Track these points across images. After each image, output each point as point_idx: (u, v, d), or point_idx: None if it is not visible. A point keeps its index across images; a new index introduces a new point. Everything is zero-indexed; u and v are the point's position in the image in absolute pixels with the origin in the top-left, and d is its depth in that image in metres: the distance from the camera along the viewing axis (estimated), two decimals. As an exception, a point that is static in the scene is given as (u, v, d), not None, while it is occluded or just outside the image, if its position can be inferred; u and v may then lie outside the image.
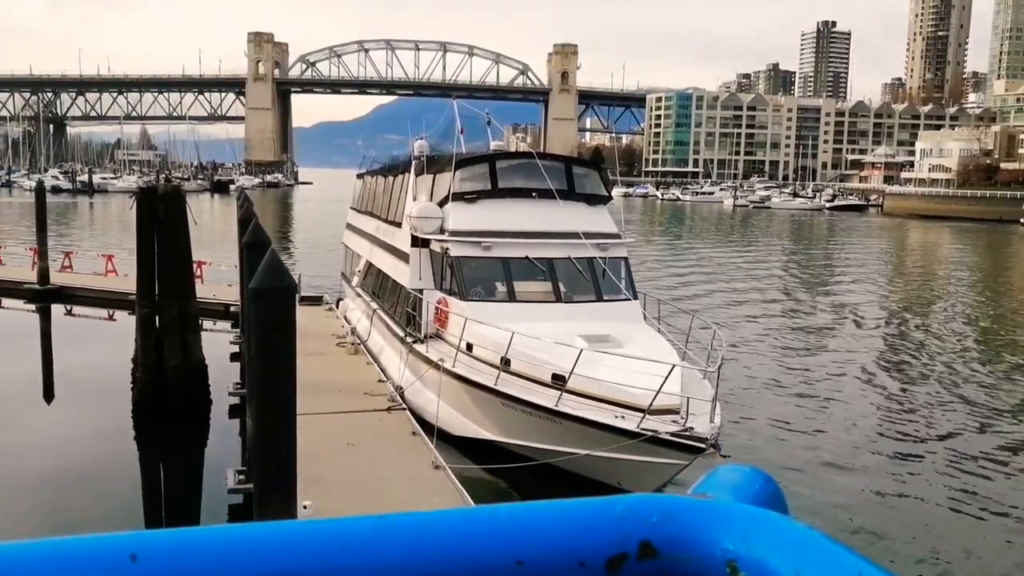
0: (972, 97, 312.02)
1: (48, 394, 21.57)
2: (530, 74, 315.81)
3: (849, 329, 33.85)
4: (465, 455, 15.63)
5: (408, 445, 14.74)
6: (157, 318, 18.69)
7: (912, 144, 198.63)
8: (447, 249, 18.42)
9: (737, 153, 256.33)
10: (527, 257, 18.26)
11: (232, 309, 27.06)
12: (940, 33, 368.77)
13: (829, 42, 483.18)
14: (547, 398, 14.08)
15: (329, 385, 17.81)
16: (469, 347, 16.50)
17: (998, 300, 45.79)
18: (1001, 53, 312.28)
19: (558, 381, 14.22)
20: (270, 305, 8.04)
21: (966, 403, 22.53)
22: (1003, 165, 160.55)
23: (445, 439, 15.40)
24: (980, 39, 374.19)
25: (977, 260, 71.30)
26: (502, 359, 15.20)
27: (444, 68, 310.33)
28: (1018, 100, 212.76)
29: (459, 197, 19.01)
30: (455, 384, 16.05)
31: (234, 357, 22.26)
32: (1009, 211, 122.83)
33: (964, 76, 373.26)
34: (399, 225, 21.24)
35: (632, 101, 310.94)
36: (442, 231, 18.76)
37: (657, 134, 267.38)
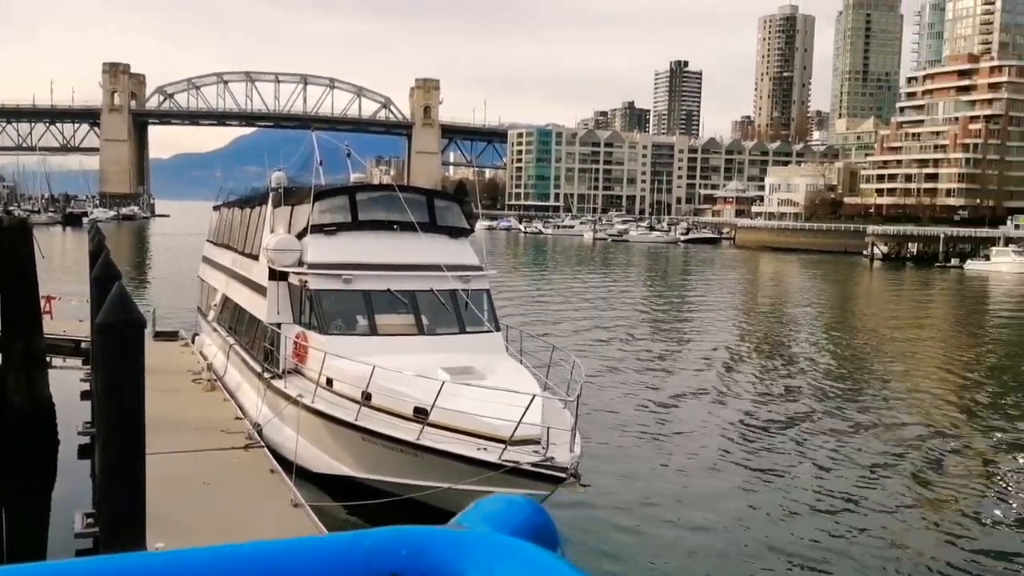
0: (816, 135, 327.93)
1: None
2: (392, 108, 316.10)
3: (705, 357, 34.91)
4: (326, 492, 15.37)
5: (266, 483, 14.40)
6: (1, 355, 17.87)
7: (762, 179, 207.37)
8: (305, 282, 18.17)
9: (596, 188, 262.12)
10: (389, 290, 18.16)
11: (84, 346, 25.94)
12: (785, 74, 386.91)
13: (682, 81, 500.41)
14: (408, 432, 13.98)
15: (184, 423, 17.25)
16: (329, 382, 16.27)
17: (844, 328, 48.07)
18: (842, 93, 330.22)
19: (420, 414, 14.14)
20: (117, 340, 7.79)
21: (815, 427, 23.58)
22: (846, 199, 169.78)
23: (305, 477, 15.12)
24: (823, 80, 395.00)
25: (825, 290, 74.85)
26: (363, 393, 15.03)
27: (305, 100, 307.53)
28: (858, 138, 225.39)
29: (318, 229, 18.79)
30: (314, 420, 15.79)
31: (85, 395, 21.33)
32: (852, 243, 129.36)
33: (808, 115, 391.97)
34: (256, 258, 20.83)
35: (494, 136, 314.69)
36: (300, 264, 18.50)
37: (519, 169, 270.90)
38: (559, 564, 1.00)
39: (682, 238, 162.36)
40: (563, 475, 12.64)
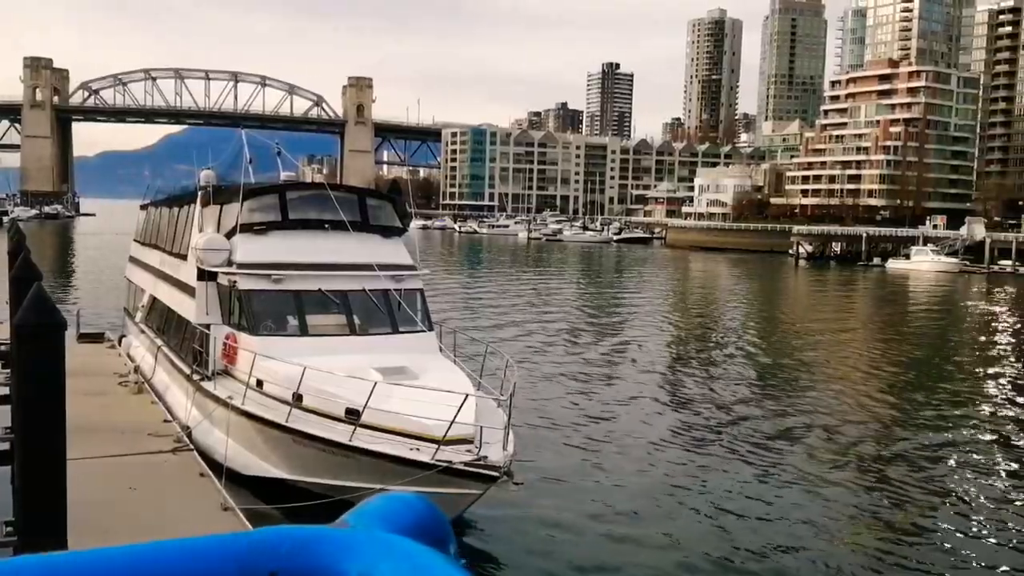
0: (744, 137, 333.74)
1: None
2: (325, 106, 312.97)
3: (636, 356, 35.23)
4: (257, 495, 15.13)
5: (196, 487, 14.13)
6: (-88, 360, 17.18)
7: (691, 180, 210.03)
8: (235, 282, 17.86)
9: (530, 188, 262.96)
10: (320, 289, 17.96)
11: (2, 348, 25.17)
12: (714, 77, 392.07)
13: (614, 83, 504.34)
14: (340, 433, 13.83)
15: (110, 426, 16.85)
16: (259, 383, 16.03)
17: (769, 325, 48.87)
18: (768, 97, 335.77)
19: (352, 415, 14.00)
20: (36, 342, 7.54)
21: (739, 424, 23.92)
22: (772, 200, 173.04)
23: (235, 480, 14.85)
24: (750, 83, 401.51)
25: (752, 288, 76.11)
26: (294, 395, 14.85)
27: (236, 98, 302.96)
28: (784, 140, 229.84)
29: (247, 228, 18.48)
30: (244, 422, 15.54)
31: (3, 400, 20.67)
32: (779, 243, 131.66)
33: (736, 117, 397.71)
34: (184, 258, 20.44)
35: (428, 135, 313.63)
36: (230, 263, 18.18)
37: (453, 168, 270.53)
38: (439, 562, 0.98)
39: (615, 238, 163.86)
40: (496, 474, 12.65)
